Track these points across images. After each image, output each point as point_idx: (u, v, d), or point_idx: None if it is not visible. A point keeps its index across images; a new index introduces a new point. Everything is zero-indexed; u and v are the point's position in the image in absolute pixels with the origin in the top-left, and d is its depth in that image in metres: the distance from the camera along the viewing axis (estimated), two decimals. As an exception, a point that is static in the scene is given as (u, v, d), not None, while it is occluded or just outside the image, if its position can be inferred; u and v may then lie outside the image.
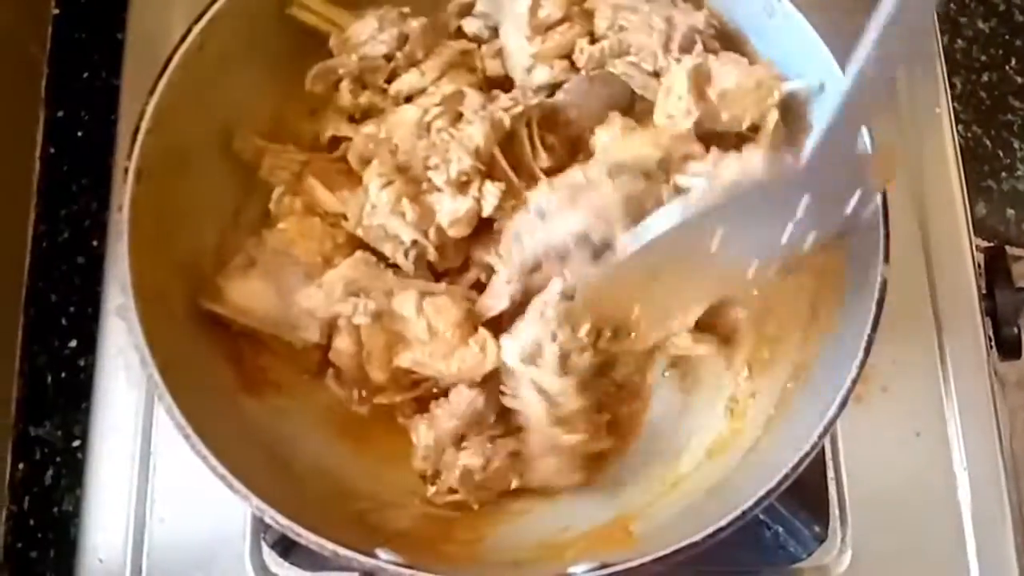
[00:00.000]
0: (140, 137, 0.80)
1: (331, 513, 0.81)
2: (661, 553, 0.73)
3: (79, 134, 1.14)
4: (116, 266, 0.78)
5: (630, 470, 0.91)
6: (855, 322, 0.79)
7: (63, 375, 1.07)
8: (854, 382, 0.76)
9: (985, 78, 1.23)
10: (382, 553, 0.74)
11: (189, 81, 0.83)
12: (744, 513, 0.74)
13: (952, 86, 1.19)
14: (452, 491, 0.86)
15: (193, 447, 0.73)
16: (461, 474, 0.85)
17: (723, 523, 0.73)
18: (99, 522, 0.96)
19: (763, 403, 0.88)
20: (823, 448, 0.98)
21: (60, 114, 1.15)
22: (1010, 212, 1.19)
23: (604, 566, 0.74)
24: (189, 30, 0.83)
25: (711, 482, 0.84)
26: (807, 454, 0.75)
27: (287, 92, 0.93)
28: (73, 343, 1.07)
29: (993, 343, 1.03)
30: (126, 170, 0.79)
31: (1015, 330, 1.01)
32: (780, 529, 0.96)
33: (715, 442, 0.89)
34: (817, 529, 0.96)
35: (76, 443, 1.03)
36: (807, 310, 0.88)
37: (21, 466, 1.04)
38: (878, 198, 0.80)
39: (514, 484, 0.87)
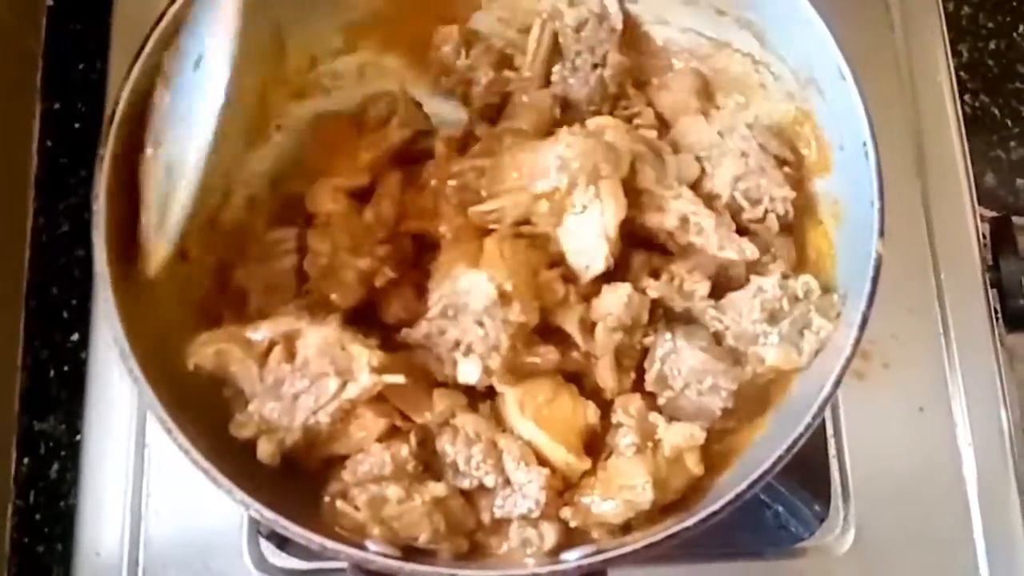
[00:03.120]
0: (115, 123, 0.78)
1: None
2: (655, 538, 0.72)
3: (76, 126, 1.13)
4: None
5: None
6: (850, 298, 0.78)
7: (65, 368, 1.06)
8: (849, 360, 0.75)
9: (992, 45, 1.21)
10: (371, 544, 0.74)
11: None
12: (738, 496, 0.72)
13: (958, 54, 1.17)
14: (356, 508, 0.77)
15: (175, 440, 0.72)
16: (371, 497, 0.76)
17: (717, 507, 0.72)
18: (95, 516, 0.96)
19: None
20: (824, 426, 0.97)
21: (56, 106, 1.14)
22: (1019, 182, 1.17)
23: (598, 552, 0.74)
24: (164, 12, 0.80)
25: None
26: (801, 435, 0.73)
27: (269, 73, 0.92)
28: (75, 336, 1.07)
29: (999, 315, 1.01)
30: (101, 157, 0.77)
31: (1022, 301, 0.99)
32: (781, 509, 0.95)
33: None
34: (818, 508, 0.95)
35: (79, 437, 1.02)
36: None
37: (26, 460, 1.04)
38: (872, 171, 0.78)
39: (423, 539, 0.76)
